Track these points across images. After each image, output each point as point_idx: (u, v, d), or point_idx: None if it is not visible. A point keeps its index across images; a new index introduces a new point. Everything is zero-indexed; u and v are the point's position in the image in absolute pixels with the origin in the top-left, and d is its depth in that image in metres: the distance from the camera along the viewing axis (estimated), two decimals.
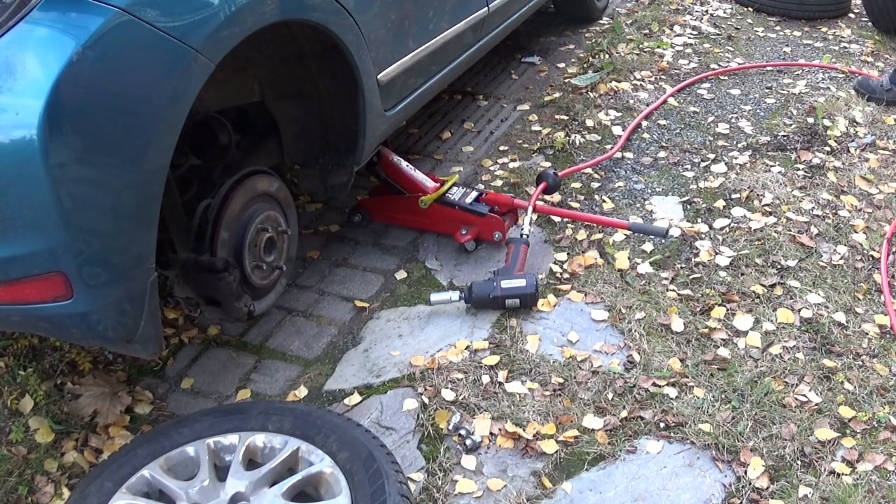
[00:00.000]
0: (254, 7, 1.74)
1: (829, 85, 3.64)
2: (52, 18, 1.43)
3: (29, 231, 1.47)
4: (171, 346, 2.26)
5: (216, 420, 1.73)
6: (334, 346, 2.26)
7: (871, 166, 2.97)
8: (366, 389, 2.08)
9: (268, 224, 2.14)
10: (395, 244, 2.63)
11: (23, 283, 1.53)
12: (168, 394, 2.12)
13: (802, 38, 4.22)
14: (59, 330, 1.69)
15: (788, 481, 1.78)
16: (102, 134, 1.50)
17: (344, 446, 1.63)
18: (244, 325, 2.32)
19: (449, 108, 3.53)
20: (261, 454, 1.69)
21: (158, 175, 1.62)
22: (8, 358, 2.09)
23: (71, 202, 1.46)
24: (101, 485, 1.60)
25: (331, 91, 2.28)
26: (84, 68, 1.42)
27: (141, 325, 1.68)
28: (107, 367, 2.16)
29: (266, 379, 2.16)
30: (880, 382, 2.02)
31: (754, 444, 1.86)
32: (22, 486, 1.83)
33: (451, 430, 1.94)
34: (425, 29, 2.52)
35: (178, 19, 1.58)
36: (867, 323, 2.23)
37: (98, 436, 1.96)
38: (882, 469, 1.80)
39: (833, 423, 1.92)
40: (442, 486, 1.81)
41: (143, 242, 1.64)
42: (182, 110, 1.63)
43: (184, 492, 1.59)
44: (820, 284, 2.37)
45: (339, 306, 2.40)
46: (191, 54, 1.60)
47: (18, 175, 1.41)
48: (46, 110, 1.37)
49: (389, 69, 2.33)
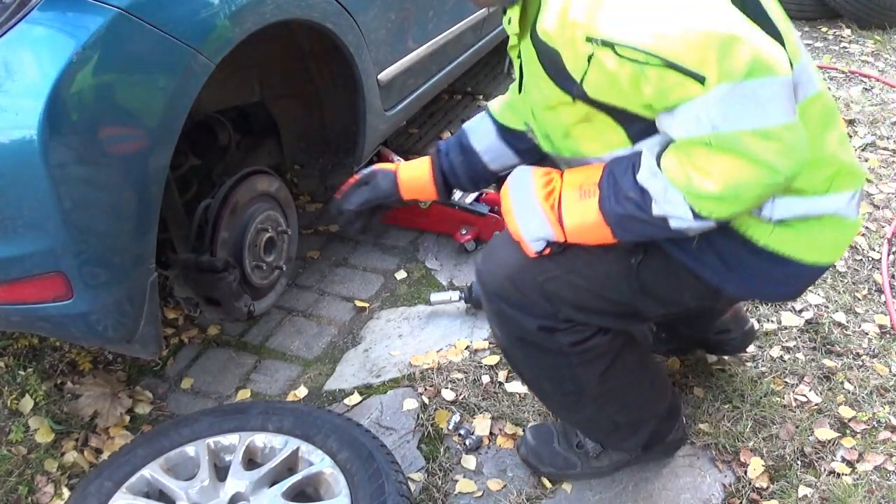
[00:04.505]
0: (254, 7, 1.74)
1: (829, 85, 3.64)
2: (51, 18, 1.43)
3: (29, 231, 1.47)
4: (171, 346, 2.26)
5: (216, 420, 1.73)
6: (334, 346, 2.26)
7: (871, 166, 2.97)
8: (366, 389, 2.08)
9: (268, 224, 2.15)
10: (395, 244, 2.63)
11: (23, 283, 1.53)
12: (168, 394, 2.12)
13: (802, 38, 4.21)
14: (59, 330, 1.69)
15: (788, 481, 1.78)
16: (102, 134, 1.50)
17: (344, 446, 1.63)
18: (244, 325, 2.32)
19: (449, 108, 3.54)
20: (261, 454, 1.69)
21: (158, 175, 1.62)
22: (8, 358, 2.09)
23: (71, 202, 1.46)
24: (101, 485, 1.60)
25: (331, 91, 2.28)
26: (84, 68, 1.42)
27: (141, 325, 1.68)
28: (107, 367, 2.16)
29: (266, 379, 2.16)
30: (880, 382, 2.02)
31: (754, 444, 1.86)
32: (22, 486, 1.83)
33: (451, 430, 1.94)
34: (425, 29, 2.52)
35: (178, 19, 1.58)
36: (867, 323, 2.23)
37: (98, 436, 1.96)
38: (882, 469, 1.80)
39: (833, 423, 1.92)
40: (442, 486, 1.81)
41: (143, 242, 1.64)
42: (182, 110, 1.63)
43: (184, 492, 1.59)
44: (820, 284, 2.36)
45: (339, 306, 2.40)
46: (191, 54, 1.60)
47: (18, 175, 1.41)
48: (46, 111, 1.37)
49: (389, 69, 2.33)
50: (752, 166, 1.17)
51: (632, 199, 1.29)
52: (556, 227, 1.36)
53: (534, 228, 1.38)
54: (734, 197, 1.21)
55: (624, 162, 1.32)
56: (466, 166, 1.73)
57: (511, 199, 1.41)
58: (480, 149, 1.73)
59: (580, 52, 1.23)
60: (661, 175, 1.25)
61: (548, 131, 1.47)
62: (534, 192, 1.38)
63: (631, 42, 1.16)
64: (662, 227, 1.29)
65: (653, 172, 1.26)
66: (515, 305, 1.45)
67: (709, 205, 1.23)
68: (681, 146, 1.22)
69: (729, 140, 1.16)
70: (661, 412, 1.72)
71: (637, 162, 1.30)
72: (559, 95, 1.33)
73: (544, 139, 1.49)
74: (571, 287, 1.43)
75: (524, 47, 1.40)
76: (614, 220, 1.32)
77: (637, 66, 1.17)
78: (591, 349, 1.50)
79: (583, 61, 1.23)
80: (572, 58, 1.25)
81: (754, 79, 1.13)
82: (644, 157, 1.29)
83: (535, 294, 1.43)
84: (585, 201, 1.34)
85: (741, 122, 1.15)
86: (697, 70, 1.13)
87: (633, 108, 1.26)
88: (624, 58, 1.17)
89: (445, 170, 1.73)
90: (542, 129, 1.48)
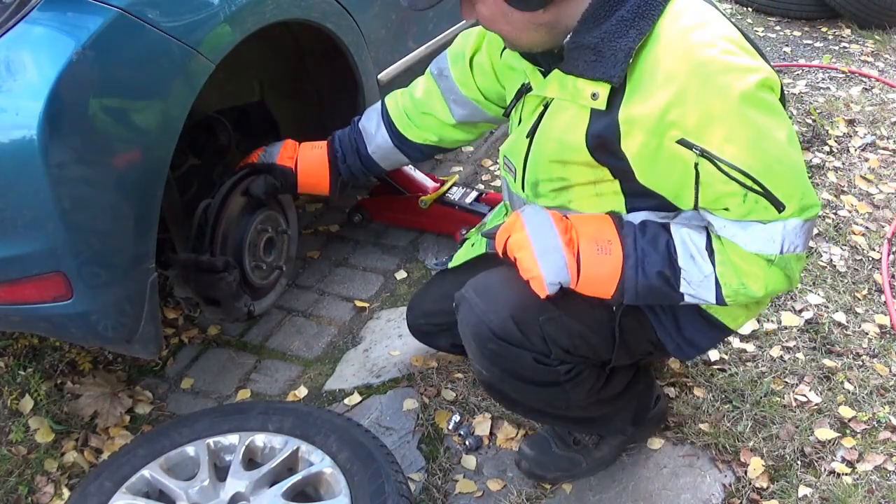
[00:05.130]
0: (254, 7, 1.74)
1: (828, 85, 3.64)
2: (51, 18, 1.43)
3: (29, 231, 1.47)
4: (171, 346, 2.26)
5: (216, 420, 1.73)
6: (334, 346, 2.26)
7: (871, 166, 2.97)
8: (366, 389, 2.08)
9: (268, 224, 2.14)
10: (395, 244, 2.63)
11: (23, 283, 1.53)
12: (168, 394, 2.12)
13: (802, 38, 4.22)
14: (59, 330, 1.69)
15: (788, 481, 1.78)
16: (102, 134, 1.50)
17: (344, 446, 1.63)
18: (244, 325, 2.32)
19: None
20: (261, 454, 1.69)
21: (158, 175, 1.62)
22: (8, 358, 2.09)
23: (71, 202, 1.46)
24: (101, 485, 1.60)
25: (331, 91, 2.28)
26: (84, 68, 1.42)
27: (141, 325, 1.68)
28: (107, 367, 2.16)
29: (266, 379, 2.16)
30: (880, 382, 2.02)
31: (754, 444, 1.86)
32: (22, 486, 1.83)
33: (451, 430, 1.94)
34: (425, 29, 2.52)
35: (178, 19, 1.58)
36: (867, 323, 2.23)
37: (98, 436, 1.96)
38: (882, 469, 1.80)
39: (833, 423, 1.92)
40: (442, 486, 1.81)
41: (143, 242, 1.64)
42: (182, 110, 1.63)
43: (184, 492, 1.59)
44: (820, 284, 2.37)
45: (339, 306, 2.40)
46: (191, 54, 1.60)
47: (18, 175, 1.41)
48: (46, 110, 1.37)
49: (389, 69, 2.33)
50: (785, 280, 1.37)
51: (664, 276, 1.38)
52: (574, 274, 1.41)
53: (556, 272, 1.40)
54: (764, 298, 1.42)
55: (652, 234, 1.39)
56: (362, 171, 1.95)
57: (530, 237, 1.42)
58: (377, 157, 1.93)
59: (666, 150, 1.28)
60: (706, 263, 1.36)
61: (539, 179, 1.49)
62: (559, 237, 1.41)
63: (742, 165, 1.26)
64: (673, 299, 1.42)
65: (692, 256, 1.37)
66: (515, 343, 1.48)
67: (742, 300, 1.39)
68: (740, 253, 1.34)
69: (785, 261, 1.34)
70: (637, 389, 1.74)
71: (670, 240, 1.38)
72: (585, 159, 1.38)
73: (529, 185, 1.52)
74: (566, 329, 1.48)
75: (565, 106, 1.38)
76: (637, 288, 1.40)
77: (740, 188, 1.28)
78: (580, 374, 1.55)
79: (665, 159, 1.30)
80: (647, 150, 1.30)
81: (811, 219, 1.34)
82: (682, 239, 1.37)
83: (534, 334, 1.47)
84: (603, 257, 1.40)
85: (796, 248, 1.34)
86: (783, 200, 1.29)
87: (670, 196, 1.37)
88: (730, 177, 1.27)
89: (343, 175, 1.94)
90: (533, 177, 1.50)
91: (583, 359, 1.52)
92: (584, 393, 1.57)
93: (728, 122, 1.24)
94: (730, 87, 1.23)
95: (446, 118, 1.83)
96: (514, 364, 1.50)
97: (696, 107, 1.24)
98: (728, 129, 1.24)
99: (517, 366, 1.49)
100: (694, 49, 1.25)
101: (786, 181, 1.29)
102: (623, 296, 1.41)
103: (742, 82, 1.24)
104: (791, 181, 1.29)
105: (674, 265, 1.37)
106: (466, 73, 1.75)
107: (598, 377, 1.59)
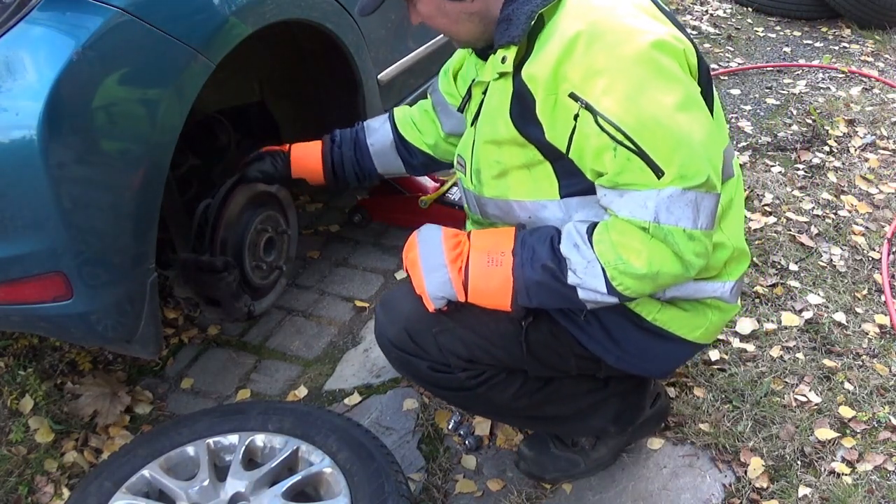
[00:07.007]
0: (254, 7, 1.74)
1: (829, 85, 3.64)
2: (51, 18, 1.43)
3: (29, 231, 1.47)
4: (171, 346, 2.26)
5: (216, 420, 1.73)
6: (334, 346, 2.26)
7: (871, 166, 2.97)
8: (366, 389, 2.08)
9: (268, 224, 2.14)
10: (395, 244, 2.63)
11: (23, 283, 1.54)
12: (168, 394, 2.12)
13: (802, 37, 4.23)
14: (59, 330, 1.69)
15: (788, 481, 1.78)
16: (102, 134, 1.50)
17: (344, 446, 1.63)
18: (244, 325, 2.32)
19: None
20: (261, 454, 1.69)
21: (158, 175, 1.62)
22: (8, 358, 2.09)
23: (71, 202, 1.46)
24: (101, 485, 1.60)
25: (331, 91, 2.28)
26: (84, 68, 1.42)
27: (141, 326, 1.68)
28: (107, 367, 2.16)
29: (266, 379, 2.16)
30: (880, 382, 2.02)
31: (754, 444, 1.86)
32: (22, 486, 1.83)
33: (451, 430, 1.94)
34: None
35: (178, 19, 1.58)
36: (867, 323, 2.23)
37: (98, 436, 1.96)
38: (882, 469, 1.80)
39: (833, 423, 1.92)
40: (442, 486, 1.81)
41: (142, 242, 1.64)
42: (182, 110, 1.63)
43: (184, 492, 1.59)
44: (820, 284, 2.37)
45: (339, 306, 2.40)
46: (191, 54, 1.60)
47: (18, 175, 1.41)
48: (46, 111, 1.37)
49: (389, 69, 2.33)
50: (673, 258, 1.31)
51: (549, 268, 1.37)
52: (460, 289, 1.45)
53: (438, 287, 1.46)
54: (652, 278, 1.33)
55: (541, 232, 1.41)
56: (354, 162, 1.91)
57: (420, 256, 1.49)
58: (374, 151, 1.91)
59: (560, 104, 1.30)
60: (587, 248, 1.34)
61: (481, 167, 1.52)
62: (443, 253, 1.46)
63: (614, 118, 1.26)
64: (570, 296, 1.39)
65: (576, 244, 1.35)
66: (411, 353, 1.55)
67: (628, 280, 1.33)
68: (616, 225, 1.32)
69: (664, 232, 1.29)
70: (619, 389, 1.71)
71: (556, 235, 1.39)
72: (513, 135, 1.40)
73: (474, 174, 1.55)
74: (462, 341, 1.52)
75: (497, 85, 1.43)
76: (526, 286, 1.40)
77: (611, 141, 1.27)
78: (491, 380, 1.57)
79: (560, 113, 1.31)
80: (547, 106, 1.32)
81: (699, 191, 1.28)
82: (568, 230, 1.38)
83: (428, 345, 1.53)
84: (493, 269, 1.42)
85: (679, 221, 1.28)
86: (661, 165, 1.26)
87: (583, 166, 1.36)
88: (602, 130, 1.27)
89: (335, 160, 1.90)
90: (476, 164, 1.53)
91: (490, 367, 1.55)
92: (509, 396, 1.59)
93: (609, 76, 1.27)
94: (619, 44, 1.27)
95: (439, 129, 1.88)
96: (415, 371, 1.58)
97: (583, 60, 1.28)
98: (608, 82, 1.26)
99: (418, 372, 1.57)
100: (591, 10, 1.32)
101: (663, 144, 1.26)
102: (518, 299, 1.42)
103: (634, 41, 1.28)
104: (669, 145, 1.26)
105: (557, 255, 1.37)
106: (451, 85, 1.81)
107: (527, 381, 1.60)
